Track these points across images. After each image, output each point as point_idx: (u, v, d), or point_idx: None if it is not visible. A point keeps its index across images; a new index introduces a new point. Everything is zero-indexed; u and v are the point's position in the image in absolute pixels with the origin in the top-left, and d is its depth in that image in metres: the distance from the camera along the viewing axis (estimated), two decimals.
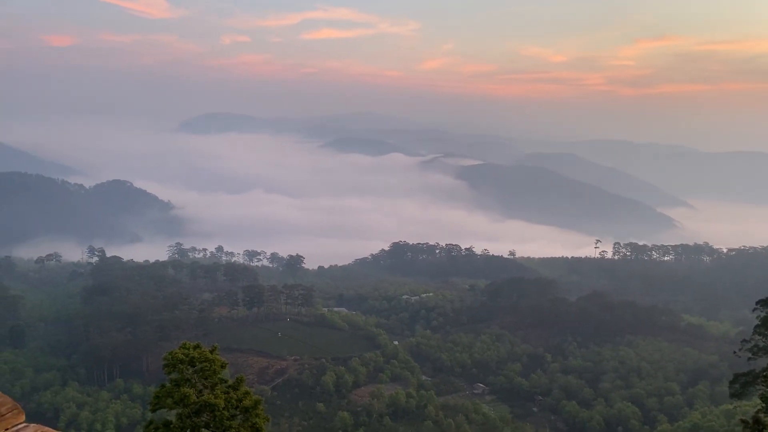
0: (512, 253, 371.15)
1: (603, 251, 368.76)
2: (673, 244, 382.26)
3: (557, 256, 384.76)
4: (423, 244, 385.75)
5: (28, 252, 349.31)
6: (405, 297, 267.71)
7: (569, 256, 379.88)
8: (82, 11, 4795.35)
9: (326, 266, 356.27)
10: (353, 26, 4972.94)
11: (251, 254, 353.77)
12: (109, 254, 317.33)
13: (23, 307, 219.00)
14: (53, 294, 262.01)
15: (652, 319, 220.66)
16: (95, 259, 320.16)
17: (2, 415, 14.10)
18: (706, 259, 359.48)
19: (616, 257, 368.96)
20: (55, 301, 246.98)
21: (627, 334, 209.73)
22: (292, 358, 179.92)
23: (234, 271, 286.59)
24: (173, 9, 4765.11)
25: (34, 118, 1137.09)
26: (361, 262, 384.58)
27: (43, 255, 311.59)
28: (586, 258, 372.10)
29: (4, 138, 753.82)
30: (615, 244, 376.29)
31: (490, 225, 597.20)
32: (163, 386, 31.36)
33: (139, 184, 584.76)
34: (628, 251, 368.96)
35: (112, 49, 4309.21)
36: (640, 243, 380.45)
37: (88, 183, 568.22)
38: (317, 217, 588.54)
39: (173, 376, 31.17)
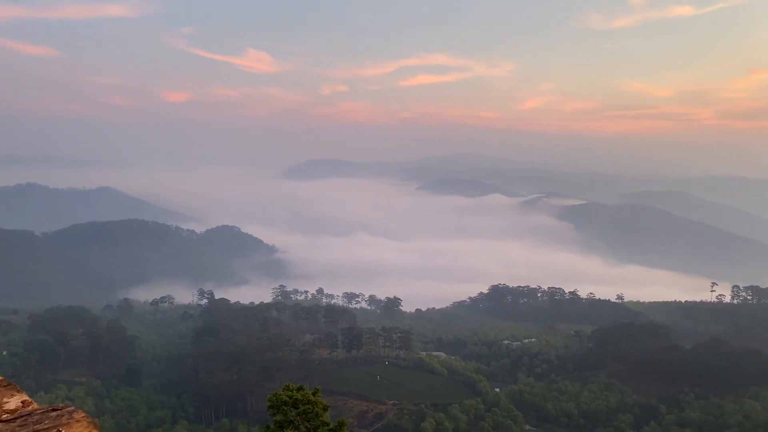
0: (620, 297, 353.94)
1: (720, 295, 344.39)
2: None
3: (669, 300, 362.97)
4: (524, 287, 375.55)
5: (144, 294, 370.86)
6: (506, 342, 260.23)
7: (682, 300, 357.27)
8: (198, 69, 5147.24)
9: (424, 309, 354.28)
10: (449, 71, 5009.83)
11: (350, 296, 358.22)
12: (217, 296, 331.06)
13: (139, 347, 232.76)
14: (166, 334, 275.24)
15: None
16: (205, 301, 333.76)
17: None
18: None
19: (735, 301, 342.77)
20: (167, 341, 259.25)
21: (751, 386, 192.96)
22: (391, 402, 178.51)
23: (334, 313, 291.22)
24: (278, 63, 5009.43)
25: (152, 169, 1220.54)
26: (459, 306, 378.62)
27: (158, 297, 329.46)
28: (701, 302, 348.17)
29: (125, 188, 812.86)
30: (734, 287, 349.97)
31: (605, 269, 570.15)
32: (267, 428, 31.93)
33: (246, 228, 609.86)
34: (749, 295, 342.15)
35: (223, 102, 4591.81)
36: (763, 286, 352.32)
37: (200, 228, 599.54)
38: (415, 259, 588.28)
39: (277, 417, 31.69)
